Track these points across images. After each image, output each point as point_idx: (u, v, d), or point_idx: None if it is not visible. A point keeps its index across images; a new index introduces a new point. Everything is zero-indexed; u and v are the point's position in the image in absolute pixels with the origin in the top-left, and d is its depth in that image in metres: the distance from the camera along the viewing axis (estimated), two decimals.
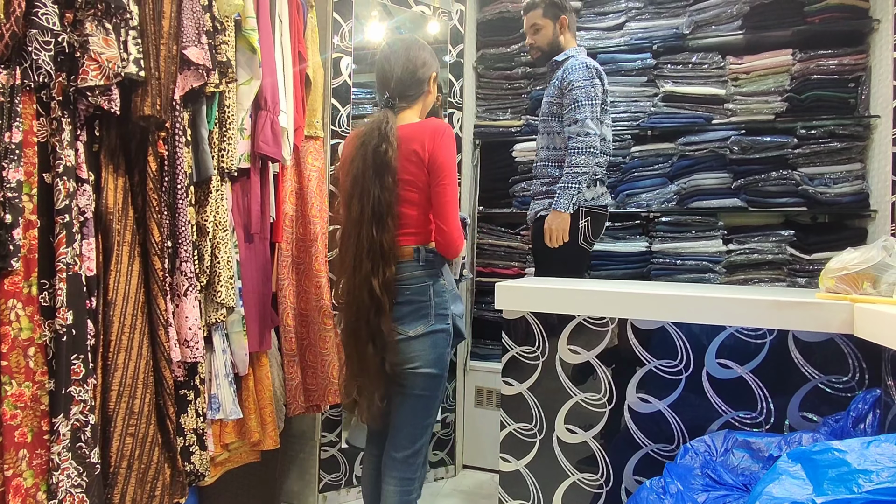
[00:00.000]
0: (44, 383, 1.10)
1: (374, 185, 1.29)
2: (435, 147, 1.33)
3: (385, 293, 1.29)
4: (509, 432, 1.33)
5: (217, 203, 1.48)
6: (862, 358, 1.09)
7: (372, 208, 1.29)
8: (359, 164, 1.32)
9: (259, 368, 1.68)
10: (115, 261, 1.24)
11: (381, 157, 1.30)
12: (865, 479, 0.54)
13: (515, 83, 2.67)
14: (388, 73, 1.42)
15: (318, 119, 2.05)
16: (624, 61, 2.45)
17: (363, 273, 1.29)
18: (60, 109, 1.12)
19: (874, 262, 1.14)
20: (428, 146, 1.33)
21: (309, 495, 2.17)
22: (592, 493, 1.26)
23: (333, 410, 2.16)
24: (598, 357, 1.26)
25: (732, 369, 1.16)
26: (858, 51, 2.11)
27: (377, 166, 1.30)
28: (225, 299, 1.47)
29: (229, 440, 1.59)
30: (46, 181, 1.12)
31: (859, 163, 2.11)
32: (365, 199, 1.30)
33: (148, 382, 1.28)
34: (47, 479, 1.09)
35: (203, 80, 1.38)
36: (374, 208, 1.29)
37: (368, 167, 1.30)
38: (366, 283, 1.29)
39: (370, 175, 1.30)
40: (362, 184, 1.31)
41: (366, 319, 1.30)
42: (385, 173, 1.30)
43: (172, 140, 1.35)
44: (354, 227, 1.32)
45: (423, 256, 1.35)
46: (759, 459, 1.00)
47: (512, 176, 2.64)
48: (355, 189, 1.32)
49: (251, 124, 1.62)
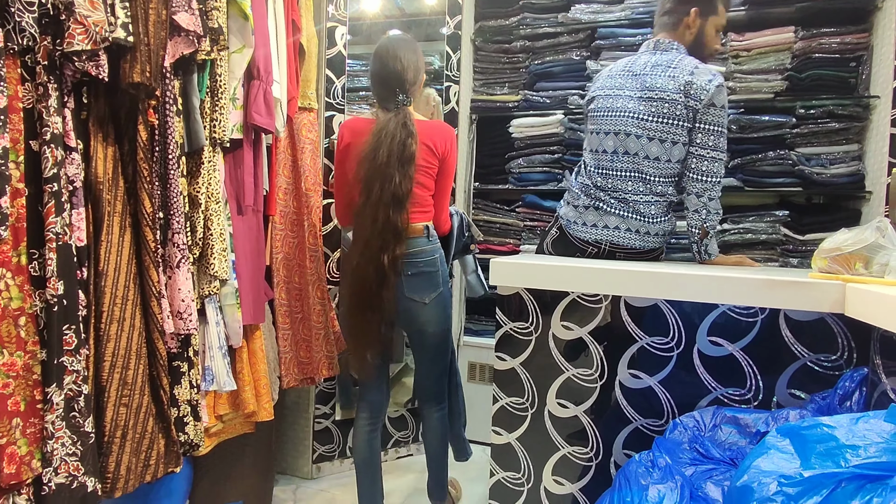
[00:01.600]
0: (35, 353, 1.10)
1: (397, 172, 1.48)
2: (448, 150, 1.61)
3: (392, 268, 1.48)
4: (501, 406, 1.34)
5: (209, 174, 1.45)
6: (851, 337, 1.10)
7: (392, 192, 1.47)
8: (384, 154, 1.48)
9: (253, 341, 1.69)
10: (106, 231, 1.23)
11: (408, 150, 1.49)
12: (853, 454, 0.55)
13: (514, 57, 2.63)
14: (400, 74, 1.57)
15: (313, 90, 2.01)
16: (624, 36, 2.41)
17: (375, 249, 1.47)
18: (46, 74, 1.09)
19: (867, 243, 1.14)
20: (444, 148, 1.60)
21: (303, 466, 2.20)
22: (582, 465, 1.28)
23: (327, 383, 2.18)
24: (590, 333, 1.27)
25: (723, 347, 1.17)
26: (861, 29, 2.08)
27: (403, 158, 1.49)
28: (218, 271, 1.46)
29: (223, 411, 1.61)
30: (33, 149, 1.10)
31: (857, 144, 2.10)
32: (387, 184, 1.47)
33: (141, 353, 1.28)
34: (42, 448, 1.10)
35: (194, 46, 1.35)
36: (394, 193, 1.47)
37: (395, 158, 1.48)
38: (375, 259, 1.47)
39: (395, 164, 1.48)
40: (386, 171, 1.47)
41: (371, 290, 1.48)
42: (409, 164, 1.49)
43: (163, 109, 1.32)
44: (372, 208, 1.48)
45: (430, 233, 1.60)
46: (747, 435, 1.02)
47: (508, 152, 2.62)
48: (377, 175, 1.48)
49: (243, 94, 1.58)
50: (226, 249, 1.51)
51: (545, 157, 2.53)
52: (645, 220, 1.62)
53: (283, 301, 1.89)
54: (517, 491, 1.34)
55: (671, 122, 1.56)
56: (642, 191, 1.62)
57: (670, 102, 1.55)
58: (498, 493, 1.36)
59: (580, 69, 2.49)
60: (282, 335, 1.87)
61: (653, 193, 1.61)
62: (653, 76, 1.60)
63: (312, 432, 2.17)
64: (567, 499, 1.30)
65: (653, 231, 1.64)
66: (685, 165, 1.60)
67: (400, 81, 1.57)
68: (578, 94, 2.49)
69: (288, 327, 1.89)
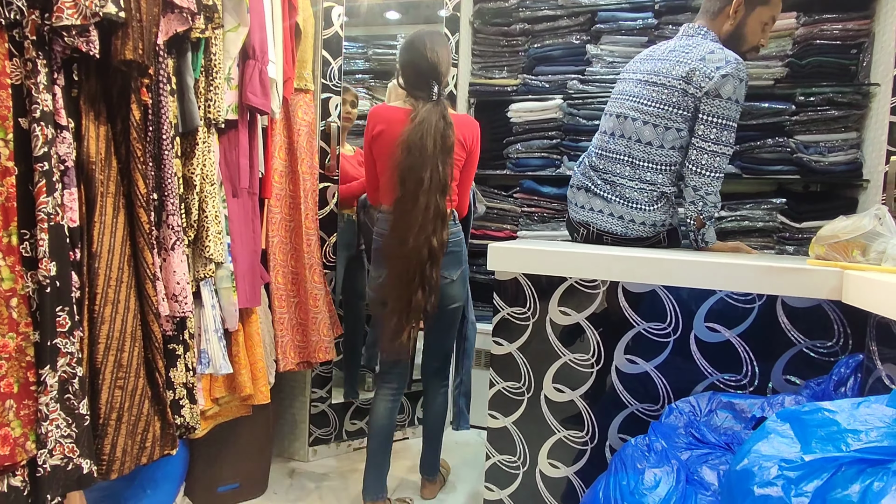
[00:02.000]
0: (28, 335, 1.09)
1: (441, 161, 1.58)
2: (474, 143, 1.72)
3: (441, 249, 1.61)
4: (498, 390, 1.35)
5: (204, 155, 1.43)
6: (847, 324, 1.11)
7: (438, 180, 1.58)
8: (429, 145, 1.57)
9: (249, 324, 1.68)
10: (100, 212, 1.21)
11: (448, 140, 1.60)
12: (854, 439, 0.56)
13: (513, 40, 2.60)
14: (436, 66, 1.64)
15: (309, 71, 1.98)
16: (625, 20, 2.38)
17: (428, 232, 1.58)
18: (35, 50, 1.06)
19: (865, 231, 1.14)
20: (472, 140, 1.71)
21: (299, 449, 2.21)
22: (577, 449, 1.29)
23: (324, 367, 2.18)
24: (587, 319, 1.27)
25: (720, 333, 1.17)
26: (863, 16, 2.06)
27: (444, 148, 1.59)
28: (213, 254, 1.44)
29: (220, 394, 1.60)
30: (23, 126, 1.07)
31: (855, 132, 2.10)
32: (434, 173, 1.57)
33: (136, 336, 1.27)
34: (36, 430, 1.09)
35: (188, 24, 1.31)
36: (440, 180, 1.58)
37: (437, 148, 1.57)
38: (427, 241, 1.58)
39: (438, 153, 1.58)
40: (433, 161, 1.57)
41: (423, 270, 1.59)
42: (449, 153, 1.60)
43: (156, 88, 1.30)
44: (425, 195, 1.57)
45: (455, 217, 1.72)
46: (742, 420, 1.02)
47: (507, 137, 2.60)
48: (426, 164, 1.57)
49: (239, 74, 1.56)
50: (221, 232, 1.49)
51: (543, 143, 2.51)
52: (629, 206, 1.60)
53: (279, 285, 1.88)
54: (513, 474, 1.35)
55: (667, 107, 1.54)
56: (629, 175, 1.60)
57: (669, 88, 1.53)
58: (493, 475, 1.36)
59: (580, 53, 2.46)
60: (278, 319, 1.86)
61: (640, 180, 1.59)
62: (663, 61, 1.57)
63: (309, 415, 2.18)
64: (562, 482, 1.31)
65: (638, 219, 1.61)
66: (686, 157, 1.57)
67: (436, 73, 1.64)
68: (578, 78, 2.46)
69: (284, 311, 1.89)
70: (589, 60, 2.45)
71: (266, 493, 1.95)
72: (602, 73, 2.42)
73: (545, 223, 2.53)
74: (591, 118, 2.43)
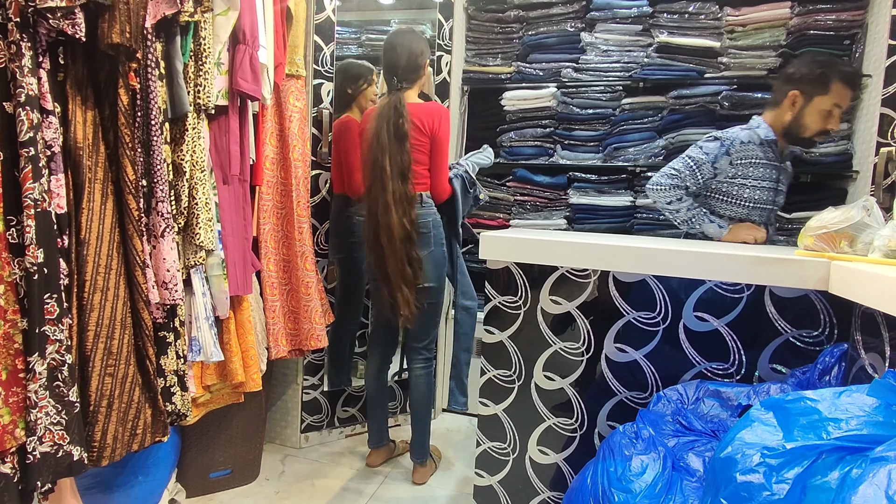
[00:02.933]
0: (16, 322, 1.08)
1: (396, 149, 1.74)
2: (438, 126, 1.82)
3: (413, 227, 1.76)
4: (489, 378, 1.36)
5: (193, 142, 1.42)
6: (833, 313, 1.12)
7: (397, 166, 1.74)
8: (384, 135, 1.74)
9: (241, 312, 1.68)
10: (87, 199, 1.19)
11: (400, 129, 1.74)
12: (835, 427, 0.57)
13: (507, 27, 2.57)
14: (395, 62, 1.81)
15: (300, 57, 1.95)
16: (619, 7, 2.36)
17: (398, 214, 1.73)
18: (19, 32, 1.04)
19: (853, 222, 1.15)
20: (432, 125, 1.81)
21: (291, 435, 2.22)
22: (567, 436, 1.31)
23: (316, 355, 2.18)
24: (578, 308, 1.27)
25: (709, 322, 1.19)
26: (858, 6, 2.06)
27: (399, 135, 1.74)
28: (203, 241, 1.43)
29: (211, 382, 1.60)
30: (7, 111, 1.05)
31: (846, 123, 2.11)
32: (392, 160, 1.74)
33: (126, 323, 1.26)
34: (25, 417, 1.09)
35: (176, 7, 1.29)
36: (399, 166, 1.74)
37: (391, 136, 1.74)
38: (400, 222, 1.73)
39: (393, 142, 1.74)
40: (389, 149, 1.74)
41: (404, 247, 1.76)
42: (404, 141, 1.75)
43: (145, 72, 1.27)
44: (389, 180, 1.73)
45: (423, 200, 1.84)
46: (728, 408, 1.04)
47: (500, 125, 2.58)
48: (382, 153, 1.74)
49: (229, 59, 1.53)
50: (211, 219, 1.48)
51: (537, 131, 2.51)
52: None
53: (270, 272, 1.87)
54: (502, 460, 1.36)
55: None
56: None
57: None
58: (484, 462, 1.38)
59: (574, 41, 2.45)
60: (269, 306, 1.86)
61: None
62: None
63: (301, 403, 2.19)
64: (551, 468, 1.32)
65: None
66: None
67: (394, 68, 1.81)
68: (572, 66, 2.45)
69: (276, 299, 1.88)
70: (583, 48, 2.43)
71: (258, 479, 1.97)
72: (596, 62, 2.41)
73: (538, 212, 2.53)
74: (584, 107, 2.43)
